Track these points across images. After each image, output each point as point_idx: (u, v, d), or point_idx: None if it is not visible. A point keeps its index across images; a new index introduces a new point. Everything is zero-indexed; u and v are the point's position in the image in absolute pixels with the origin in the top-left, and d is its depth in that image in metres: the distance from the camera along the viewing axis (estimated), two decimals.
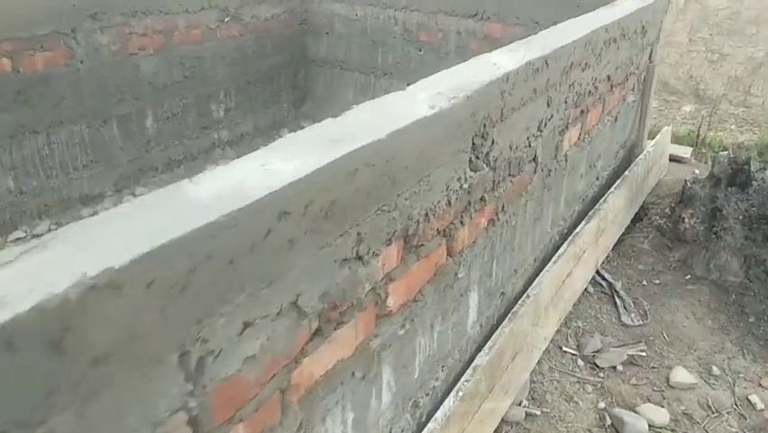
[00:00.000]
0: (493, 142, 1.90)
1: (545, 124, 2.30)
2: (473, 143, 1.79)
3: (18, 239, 3.63)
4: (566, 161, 2.67)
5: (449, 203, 1.71)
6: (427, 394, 1.90)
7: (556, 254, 2.76)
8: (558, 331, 2.85)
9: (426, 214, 1.61)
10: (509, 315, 2.35)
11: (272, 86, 5.05)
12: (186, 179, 1.05)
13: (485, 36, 4.29)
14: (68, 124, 3.75)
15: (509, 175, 2.11)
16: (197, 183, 1.04)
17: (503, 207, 2.11)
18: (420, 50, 4.65)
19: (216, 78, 4.58)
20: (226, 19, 4.55)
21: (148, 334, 0.87)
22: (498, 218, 2.10)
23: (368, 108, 1.49)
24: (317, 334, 1.31)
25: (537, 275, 2.59)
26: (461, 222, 1.83)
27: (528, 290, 2.49)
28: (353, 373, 1.46)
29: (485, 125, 1.80)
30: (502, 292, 2.34)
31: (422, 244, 1.64)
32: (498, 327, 2.28)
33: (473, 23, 4.32)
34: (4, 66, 3.35)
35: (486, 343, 2.20)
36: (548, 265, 2.68)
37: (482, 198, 1.94)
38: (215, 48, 4.51)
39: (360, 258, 1.37)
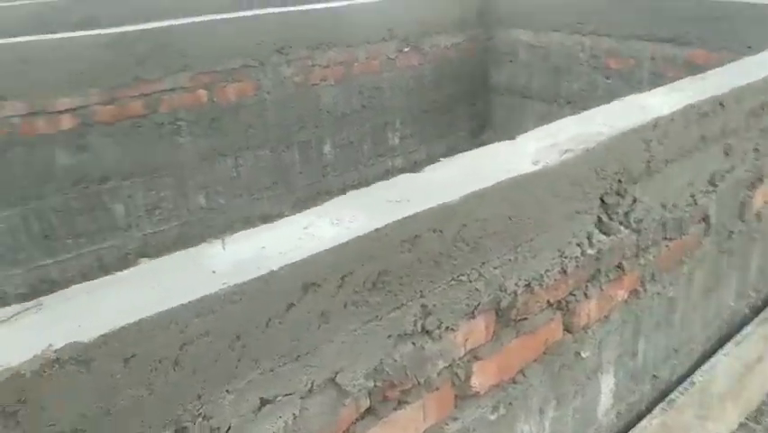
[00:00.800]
0: (635, 201, 1.60)
1: (722, 178, 1.90)
2: (603, 202, 1.52)
3: None
4: (758, 220, 2.18)
5: (563, 272, 1.46)
6: None
7: (741, 333, 2.27)
8: (743, 427, 2.33)
9: (529, 284, 1.39)
10: (663, 403, 1.97)
11: (449, 114, 5.00)
12: (217, 241, 1.01)
13: (685, 62, 3.76)
14: (254, 149, 4.07)
15: (664, 238, 1.77)
16: (226, 247, 0.99)
17: (653, 276, 1.77)
18: (608, 78, 4.25)
19: (393, 107, 4.66)
20: (406, 49, 4.61)
21: (131, 410, 0.83)
22: (646, 289, 1.77)
23: (457, 162, 1.33)
24: (369, 413, 1.18)
25: (712, 357, 2.15)
26: (585, 294, 1.56)
27: (694, 376, 2.07)
28: None
29: (620, 181, 1.52)
30: (654, 375, 1.97)
31: (523, 318, 1.42)
32: (645, 417, 1.92)
33: (671, 47, 3.83)
34: (202, 97, 3.75)
35: None
36: (727, 346, 2.21)
37: (619, 266, 1.64)
38: (393, 78, 4.59)
39: (427, 333, 1.21)
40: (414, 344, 1.20)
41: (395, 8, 4.43)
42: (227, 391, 0.94)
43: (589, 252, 1.52)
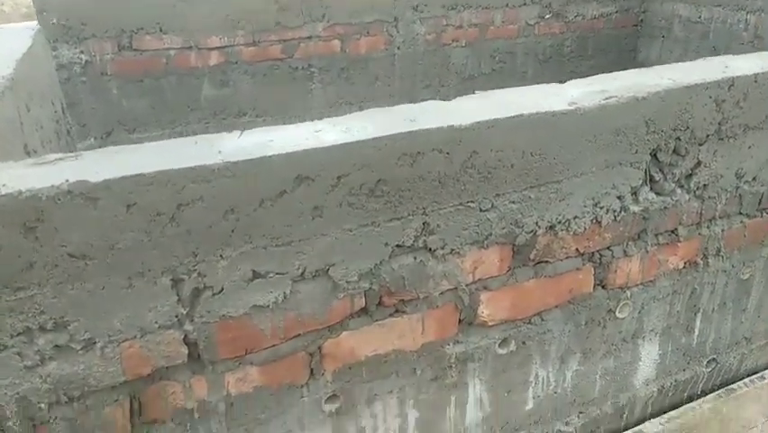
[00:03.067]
0: (699, 164, 1.51)
1: None
2: (656, 159, 1.46)
3: None
4: None
5: (597, 222, 1.44)
6: None
7: None
8: None
9: (552, 227, 1.39)
10: (721, 391, 1.84)
11: None
12: (238, 132, 1.16)
13: None
14: (378, 100, 4.23)
15: (739, 213, 1.64)
16: (241, 136, 1.13)
17: (718, 251, 1.66)
18: None
19: (526, 75, 4.57)
20: (547, 16, 4.47)
21: (131, 249, 1.01)
22: (708, 263, 1.66)
23: (492, 95, 1.36)
24: (363, 313, 1.28)
25: None
26: (625, 251, 1.52)
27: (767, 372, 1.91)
28: (416, 370, 1.38)
29: (679, 139, 1.45)
30: (713, 359, 1.84)
31: (544, 261, 1.43)
32: (694, 400, 1.82)
33: None
34: (335, 47, 3.97)
35: (666, 412, 1.78)
36: None
37: (674, 232, 1.57)
38: (530, 44, 4.49)
39: (430, 250, 1.28)
40: (415, 258, 1.28)
41: None
42: (221, 256, 1.09)
43: (634, 208, 1.47)
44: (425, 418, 1.46)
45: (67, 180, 0.93)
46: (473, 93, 1.42)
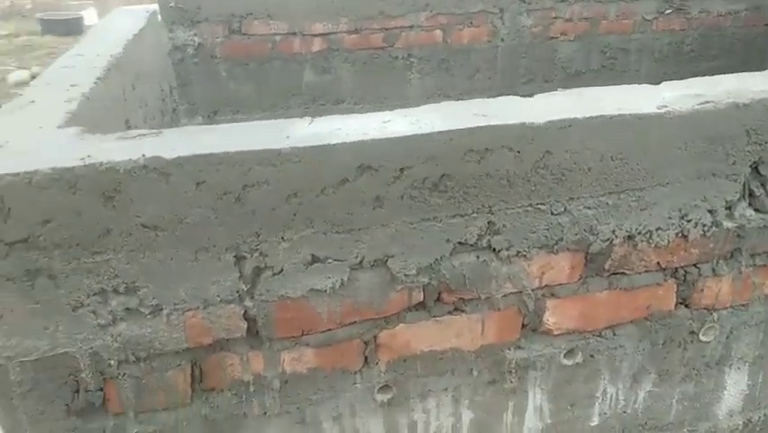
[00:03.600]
0: None
1: None
2: (758, 172, 1.33)
3: None
4: None
5: (683, 236, 1.34)
6: None
7: None
8: None
9: (631, 237, 1.31)
10: None
11: None
12: (309, 119, 1.18)
13: None
14: (478, 93, 4.17)
15: None
16: (311, 124, 1.16)
17: None
18: None
19: (638, 74, 4.32)
20: (668, 11, 4.19)
21: (199, 225, 1.06)
22: None
23: (576, 93, 1.30)
24: (421, 307, 1.28)
25: None
26: (714, 270, 1.41)
27: None
28: (472, 371, 1.36)
29: None
30: None
31: (621, 272, 1.35)
32: None
33: None
34: (437, 37, 3.95)
35: None
36: None
37: None
38: (645, 41, 4.23)
39: (494, 251, 1.25)
40: (477, 257, 1.25)
41: None
42: (282, 238, 1.12)
43: (727, 224, 1.36)
44: (480, 420, 1.43)
45: (143, 155, 0.99)
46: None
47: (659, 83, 1.34)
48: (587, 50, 4.18)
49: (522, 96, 3.33)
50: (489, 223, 1.22)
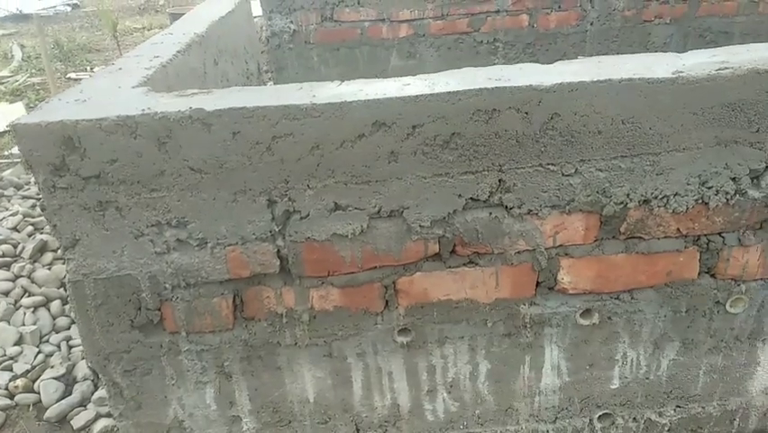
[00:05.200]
0: None
1: None
2: None
3: None
4: None
5: (704, 203, 1.35)
6: (635, 420, 1.60)
7: None
8: None
9: (647, 201, 1.35)
10: None
11: None
12: (339, 81, 1.33)
13: None
14: None
15: None
16: (340, 86, 1.30)
17: None
18: None
19: None
20: None
21: (236, 170, 1.24)
22: None
23: (597, 60, 1.35)
24: (438, 258, 1.39)
25: None
26: (740, 240, 1.40)
27: None
28: (487, 322, 1.45)
29: None
30: None
31: (637, 236, 1.39)
32: None
33: None
34: (523, 21, 3.96)
35: None
36: None
37: None
38: (751, 24, 3.99)
39: (506, 208, 1.34)
40: (490, 214, 1.34)
41: None
42: (308, 186, 1.28)
43: (753, 193, 1.35)
44: (498, 371, 1.52)
45: (190, 107, 1.19)
46: None
47: None
48: (684, 33, 4.02)
49: None
50: (499, 181, 1.31)
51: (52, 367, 2.45)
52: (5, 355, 2.52)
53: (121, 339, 1.38)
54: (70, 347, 2.58)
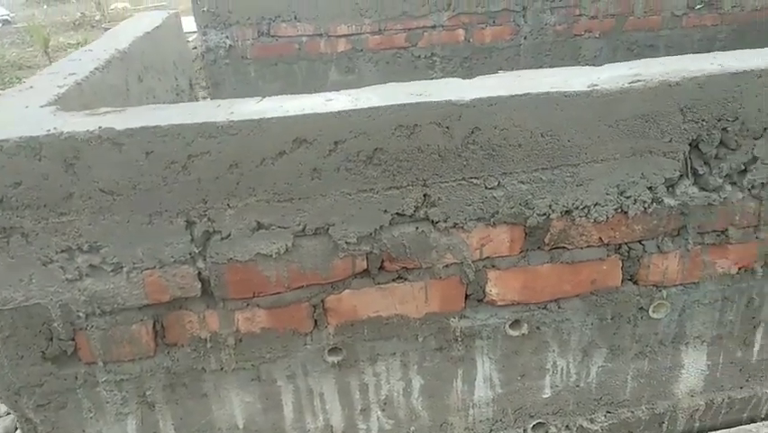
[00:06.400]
0: (755, 160, 1.39)
1: None
2: (700, 151, 1.36)
3: None
4: None
5: (623, 212, 1.38)
6: (567, 427, 1.62)
7: None
8: None
9: (569, 212, 1.37)
10: None
11: None
12: (259, 98, 1.30)
13: None
14: None
15: None
16: (260, 102, 1.28)
17: None
18: None
19: None
20: (699, 6, 4.12)
21: (151, 190, 1.20)
22: None
23: (515, 74, 1.37)
24: (366, 274, 1.37)
25: None
26: (659, 247, 1.44)
27: None
28: (418, 337, 1.44)
29: (726, 130, 1.34)
30: None
31: (561, 247, 1.41)
32: (758, 422, 1.67)
33: None
34: (459, 36, 4.02)
35: (717, 430, 1.65)
36: None
37: (724, 233, 1.45)
38: (675, 37, 4.17)
39: (432, 222, 1.33)
40: (417, 228, 1.34)
41: None
42: (228, 205, 1.24)
43: (669, 201, 1.39)
44: (431, 385, 1.51)
45: (99, 127, 1.14)
46: None
47: None
48: (613, 47, 4.16)
49: None
50: (424, 195, 1.31)
51: None
52: None
53: (32, 372, 1.31)
54: None
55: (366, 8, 3.86)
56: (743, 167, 1.39)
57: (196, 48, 4.20)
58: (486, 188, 1.32)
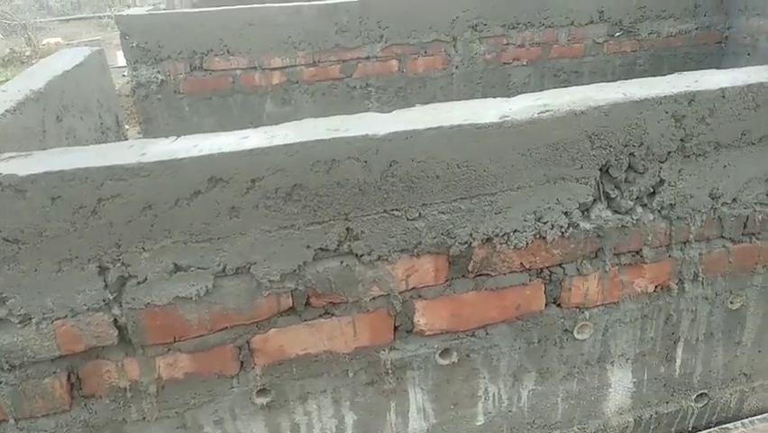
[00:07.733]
0: (662, 182, 1.45)
1: None
2: (611, 175, 1.42)
3: None
4: None
5: (542, 237, 1.42)
6: None
7: None
8: None
9: (490, 239, 1.39)
10: (714, 429, 1.72)
11: None
12: (174, 137, 1.28)
13: None
14: None
15: (721, 237, 1.55)
16: (174, 142, 1.26)
17: (696, 276, 1.56)
18: None
19: None
20: (617, 33, 4.32)
21: (59, 237, 1.15)
22: (684, 289, 1.57)
23: (431, 107, 1.40)
24: (292, 312, 1.35)
25: None
26: (579, 270, 1.48)
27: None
28: (348, 372, 1.43)
29: (633, 155, 1.40)
30: (704, 394, 1.72)
31: (485, 274, 1.43)
32: None
33: None
34: (393, 66, 4.09)
35: None
36: None
37: (639, 253, 1.50)
38: (598, 63, 4.36)
39: (356, 255, 1.33)
40: (341, 262, 1.33)
41: None
42: (143, 248, 1.21)
43: (585, 225, 1.44)
44: (364, 420, 1.49)
45: (0, 174, 1.09)
46: None
47: None
48: (540, 74, 4.31)
49: None
50: (347, 229, 1.31)
51: None
52: None
53: None
54: None
55: (299, 41, 3.88)
56: (652, 189, 1.45)
57: (129, 82, 4.12)
58: (407, 219, 1.33)
